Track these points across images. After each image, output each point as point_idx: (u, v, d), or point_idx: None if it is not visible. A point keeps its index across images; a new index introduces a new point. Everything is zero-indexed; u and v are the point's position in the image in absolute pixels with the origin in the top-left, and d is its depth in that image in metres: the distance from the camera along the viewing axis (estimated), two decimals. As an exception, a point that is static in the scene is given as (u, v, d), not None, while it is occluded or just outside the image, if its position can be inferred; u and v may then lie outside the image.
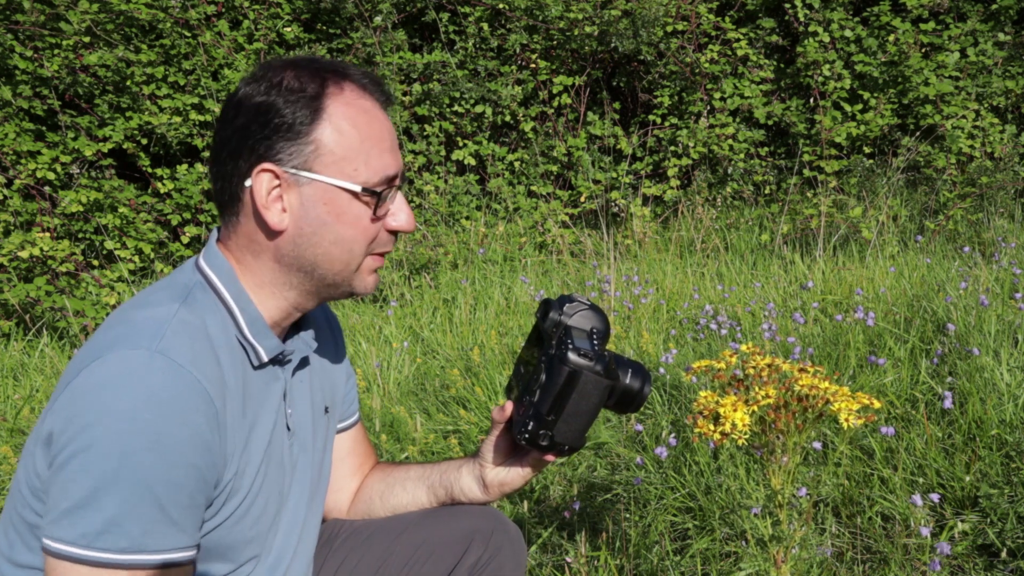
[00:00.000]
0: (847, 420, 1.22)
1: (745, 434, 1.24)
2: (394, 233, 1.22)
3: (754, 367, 1.31)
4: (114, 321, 1.12)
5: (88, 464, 1.00)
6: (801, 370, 1.30)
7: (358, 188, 1.16)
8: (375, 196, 1.17)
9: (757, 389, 1.27)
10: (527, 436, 1.26)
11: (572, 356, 1.22)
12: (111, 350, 1.04)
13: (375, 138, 1.17)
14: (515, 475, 1.37)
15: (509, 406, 1.34)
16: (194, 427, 1.04)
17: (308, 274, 1.20)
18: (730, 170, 5.44)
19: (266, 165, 1.15)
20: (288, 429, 1.25)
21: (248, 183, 1.16)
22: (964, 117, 5.12)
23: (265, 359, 1.19)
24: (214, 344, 1.12)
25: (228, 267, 1.19)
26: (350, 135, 1.16)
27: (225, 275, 1.19)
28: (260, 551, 1.22)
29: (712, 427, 1.26)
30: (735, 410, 1.24)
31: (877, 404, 1.25)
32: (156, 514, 1.02)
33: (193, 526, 1.07)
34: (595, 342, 1.26)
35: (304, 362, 1.30)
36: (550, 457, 1.31)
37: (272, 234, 1.18)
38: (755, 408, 1.25)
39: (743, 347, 1.40)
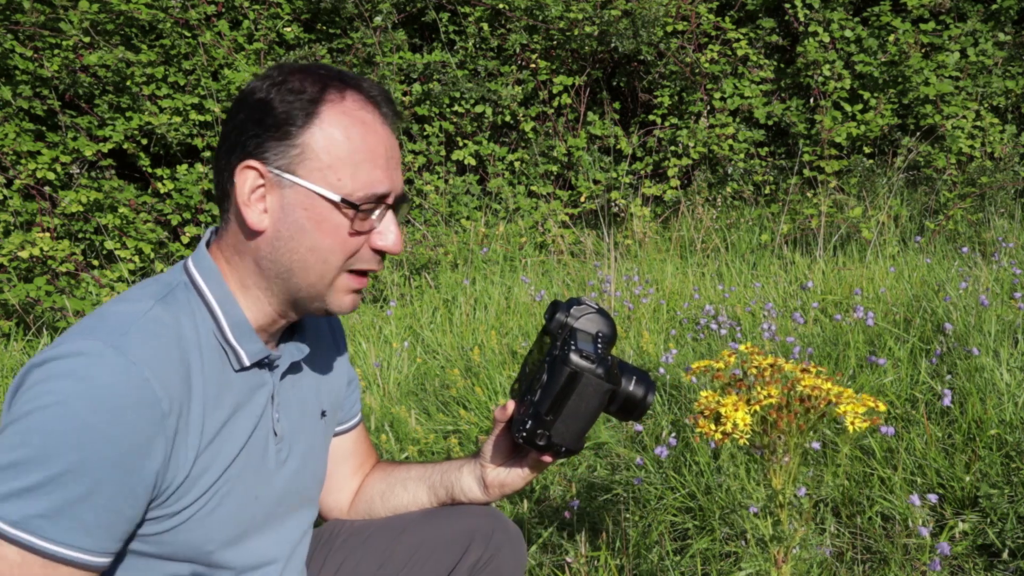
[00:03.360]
0: (853, 423, 1.21)
1: (746, 434, 1.24)
2: (380, 253, 1.19)
3: (756, 367, 1.31)
4: (92, 313, 1.12)
5: (14, 438, 1.00)
6: (804, 370, 1.30)
7: (338, 198, 1.13)
8: (355, 209, 1.14)
9: (759, 389, 1.27)
10: (524, 435, 1.26)
11: (574, 357, 1.21)
12: (72, 340, 1.04)
13: (367, 151, 1.14)
14: (515, 476, 1.37)
15: (511, 405, 1.34)
16: (128, 426, 1.01)
17: (284, 281, 1.17)
18: (730, 170, 5.44)
19: (251, 162, 1.14)
20: (275, 434, 1.23)
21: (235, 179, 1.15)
22: (964, 117, 5.12)
23: (247, 363, 1.17)
24: (186, 345, 1.10)
25: (215, 268, 1.18)
26: (340, 144, 1.13)
27: (211, 276, 1.17)
28: (237, 557, 1.20)
29: (713, 427, 1.26)
30: (736, 410, 1.24)
31: (883, 407, 1.25)
32: (61, 504, 1.00)
33: (104, 532, 1.03)
34: (599, 346, 1.26)
35: (295, 367, 1.29)
36: (548, 458, 1.30)
37: (252, 234, 1.16)
38: (756, 408, 1.25)
39: (742, 347, 1.40)
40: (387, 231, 1.17)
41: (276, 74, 1.16)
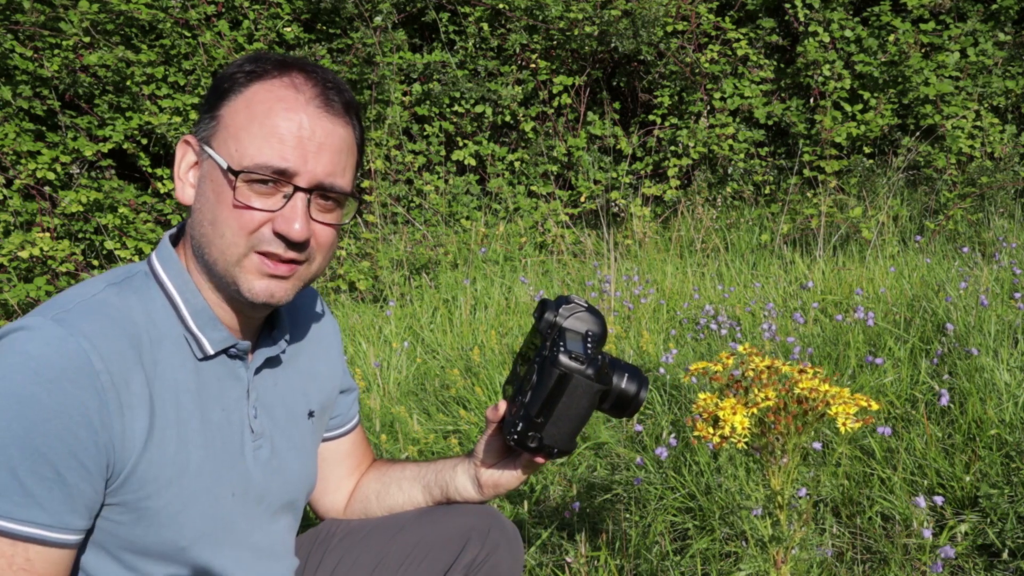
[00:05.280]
0: (844, 424, 1.21)
1: (744, 437, 1.23)
2: (283, 238, 1.12)
3: (753, 369, 1.30)
4: (50, 298, 1.14)
5: None
6: (801, 372, 1.29)
7: (225, 166, 1.11)
8: (235, 176, 1.10)
9: (756, 391, 1.26)
10: (516, 437, 1.25)
11: (563, 359, 1.19)
12: (24, 317, 1.05)
13: (270, 125, 1.11)
14: (508, 476, 1.36)
15: (503, 405, 1.32)
16: (66, 396, 1.01)
17: (202, 259, 1.15)
18: (730, 170, 5.44)
19: (187, 136, 1.17)
20: (252, 431, 1.22)
21: None
22: (964, 117, 5.12)
23: (210, 351, 1.16)
24: (135, 329, 1.09)
25: (175, 258, 1.18)
26: (243, 114, 1.12)
27: (171, 266, 1.17)
28: (217, 559, 1.19)
29: (711, 430, 1.25)
30: (734, 413, 1.23)
31: (875, 406, 1.24)
32: (9, 479, 0.99)
33: (59, 505, 1.02)
34: (589, 345, 1.23)
35: (274, 362, 1.27)
36: (540, 459, 1.30)
37: (189, 211, 1.17)
38: (754, 410, 1.24)
39: (741, 348, 1.39)
40: (289, 214, 1.11)
41: (243, 60, 1.17)
